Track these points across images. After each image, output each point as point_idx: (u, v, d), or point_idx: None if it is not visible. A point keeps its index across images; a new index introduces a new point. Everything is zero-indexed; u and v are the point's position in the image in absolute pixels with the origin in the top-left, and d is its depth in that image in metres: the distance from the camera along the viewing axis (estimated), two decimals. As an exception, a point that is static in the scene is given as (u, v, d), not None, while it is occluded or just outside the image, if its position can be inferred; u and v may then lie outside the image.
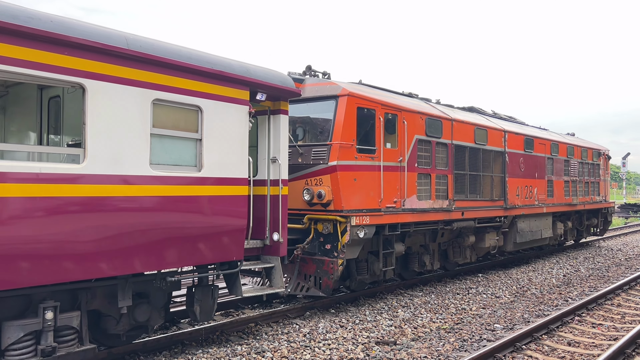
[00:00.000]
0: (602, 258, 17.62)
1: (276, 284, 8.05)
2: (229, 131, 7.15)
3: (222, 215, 7.02)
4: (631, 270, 15.02)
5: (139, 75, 6.14)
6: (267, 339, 7.84)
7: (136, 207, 6.06)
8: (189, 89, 6.66)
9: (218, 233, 6.97)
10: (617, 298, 11.29)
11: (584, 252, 19.23)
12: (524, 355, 7.46)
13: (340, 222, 9.15)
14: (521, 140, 15.08)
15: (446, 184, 11.69)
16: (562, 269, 15.12)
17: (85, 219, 5.61)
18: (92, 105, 5.69)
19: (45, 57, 5.34)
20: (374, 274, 10.28)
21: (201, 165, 6.81)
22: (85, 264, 5.63)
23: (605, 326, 9.12)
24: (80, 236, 5.56)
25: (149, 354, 7.06)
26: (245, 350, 7.25)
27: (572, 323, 9.20)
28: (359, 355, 7.34)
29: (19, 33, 5.12)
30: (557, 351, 7.72)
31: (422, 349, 7.64)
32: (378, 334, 8.38)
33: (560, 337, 8.39)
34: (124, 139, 5.97)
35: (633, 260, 17.12)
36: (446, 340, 8.10)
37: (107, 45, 5.80)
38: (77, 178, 5.57)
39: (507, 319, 9.42)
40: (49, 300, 5.60)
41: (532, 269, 14.83)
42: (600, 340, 8.27)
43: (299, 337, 7.97)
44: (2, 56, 5.02)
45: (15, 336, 5.36)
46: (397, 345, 7.80)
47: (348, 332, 8.41)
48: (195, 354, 7.06)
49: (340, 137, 9.22)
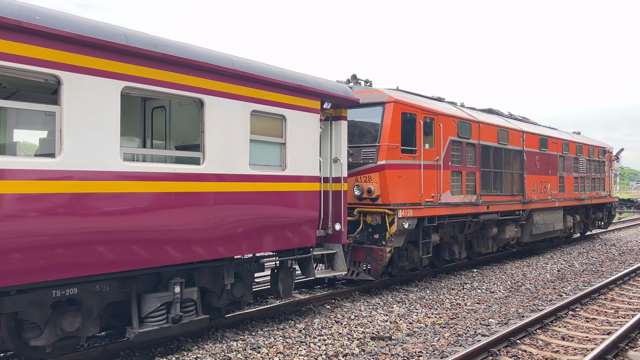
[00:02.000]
0: (596, 253, 17.80)
1: (338, 268, 9.27)
2: (305, 136, 8.36)
3: (300, 207, 8.24)
4: (624, 265, 15.17)
5: (242, 90, 7.35)
6: (263, 335, 7.82)
7: (240, 200, 7.28)
8: (277, 101, 7.87)
9: (298, 222, 8.20)
10: (610, 293, 11.34)
11: (581, 246, 19.67)
12: (519, 349, 7.46)
13: (388, 215, 10.38)
14: (537, 140, 16.34)
15: (474, 180, 12.94)
16: (557, 264, 15.24)
17: (204, 210, 6.83)
18: (208, 116, 6.90)
19: (177, 77, 6.55)
20: (413, 261, 11.53)
21: (285, 165, 8.03)
22: (203, 247, 6.84)
23: (599, 320, 9.17)
24: (200, 224, 6.77)
25: (144, 350, 7.03)
26: (240, 346, 7.24)
27: (566, 318, 9.26)
28: (355, 350, 7.36)
29: (169, 61, 6.34)
30: (551, 345, 7.72)
31: (417, 344, 7.65)
32: (373, 329, 8.39)
33: (555, 332, 8.40)
34: (232, 144, 7.19)
35: (626, 255, 17.34)
36: (441, 335, 8.14)
37: (219, 66, 7.00)
38: (199, 177, 6.78)
39: (502, 314, 9.49)
40: (177, 277, 6.82)
41: (526, 264, 14.98)
42: (594, 334, 8.30)
43: (295, 333, 7.95)
44: (153, 79, 6.22)
45: (154, 306, 6.58)
46: (392, 340, 7.86)
47: (343, 327, 8.40)
48: (191, 350, 7.04)
49: (388, 139, 10.44)
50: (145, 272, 6.49)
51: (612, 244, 20.18)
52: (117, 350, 6.89)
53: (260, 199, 7.56)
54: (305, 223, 8.34)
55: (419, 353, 7.24)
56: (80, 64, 5.63)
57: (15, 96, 6.93)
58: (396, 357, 7.09)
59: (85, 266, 5.68)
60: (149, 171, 6.27)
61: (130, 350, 6.97)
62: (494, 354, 7.11)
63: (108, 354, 6.79)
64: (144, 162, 7.57)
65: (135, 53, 6.09)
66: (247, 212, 7.37)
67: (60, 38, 5.46)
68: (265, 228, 7.67)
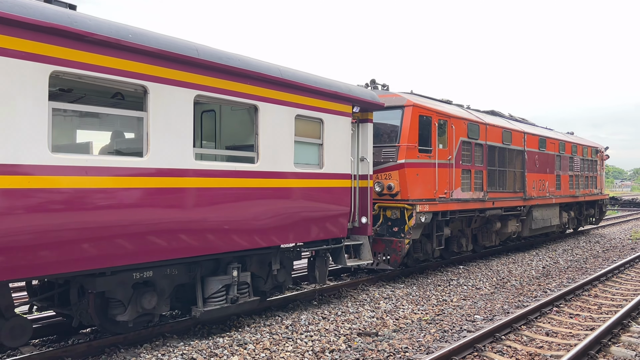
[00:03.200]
0: (581, 250, 18.01)
1: (364, 257, 10.18)
2: (339, 137, 9.26)
3: (335, 201, 9.14)
4: (608, 262, 15.44)
5: (288, 97, 8.23)
6: (250, 331, 7.82)
7: (287, 194, 8.17)
8: (316, 106, 8.75)
9: (334, 215, 9.10)
10: (594, 289, 11.48)
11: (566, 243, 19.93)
12: (503, 345, 7.54)
13: (407, 209, 11.31)
14: (536, 140, 17.37)
15: (482, 178, 13.92)
16: (542, 260, 15.39)
17: (258, 203, 7.70)
18: (261, 120, 7.77)
19: (238, 86, 7.41)
20: (426, 253, 12.48)
21: (322, 163, 8.92)
22: (257, 236, 7.72)
23: (582, 316, 9.28)
24: (255, 216, 7.65)
25: (130, 347, 6.98)
26: (227, 343, 7.23)
27: (550, 314, 9.34)
28: (341, 346, 7.41)
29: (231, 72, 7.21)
30: (536, 341, 7.82)
31: (403, 340, 7.70)
32: (360, 325, 8.44)
33: (539, 328, 8.50)
34: (280, 145, 8.07)
35: (610, 252, 17.63)
36: (427, 331, 8.21)
37: (270, 76, 7.87)
38: (254, 174, 7.66)
39: (487, 310, 9.56)
40: (234, 262, 7.69)
41: (512, 261, 15.10)
42: (577, 330, 8.38)
43: (281, 329, 7.97)
44: (218, 87, 7.09)
45: (215, 288, 7.45)
46: (378, 336, 7.90)
47: (330, 323, 8.44)
48: (177, 347, 7.02)
49: (407, 140, 11.37)
50: (208, 258, 7.36)
51: (596, 241, 20.57)
52: (102, 346, 6.81)
53: (302, 194, 8.45)
54: (339, 216, 9.24)
55: (405, 349, 7.28)
56: (162, 75, 6.48)
57: (84, 100, 7.72)
58: (382, 352, 7.12)
59: (160, 252, 6.51)
60: (215, 169, 7.14)
61: (115, 347, 6.89)
62: (479, 349, 7.16)
63: (93, 350, 6.70)
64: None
65: (204, 65, 6.94)
66: (292, 206, 8.26)
67: (147, 53, 6.30)
68: (306, 220, 8.56)
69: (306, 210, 8.55)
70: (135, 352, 6.80)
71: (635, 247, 18.90)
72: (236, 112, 8.78)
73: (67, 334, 7.62)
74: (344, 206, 9.34)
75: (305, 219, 8.54)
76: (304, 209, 8.48)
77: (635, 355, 7.13)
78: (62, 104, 5.75)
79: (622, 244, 19.87)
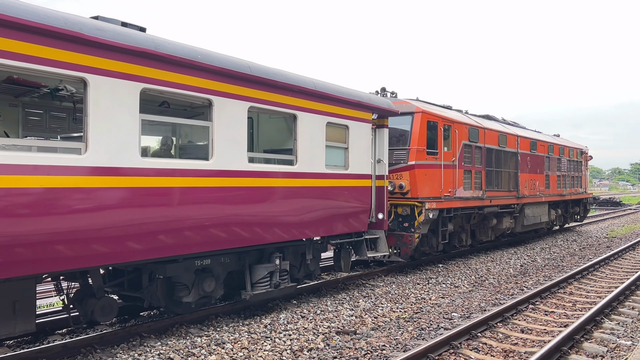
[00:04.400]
0: (558, 248, 18.19)
1: (381, 249, 11.29)
2: (361, 141, 10.36)
3: (358, 199, 10.24)
4: (584, 260, 15.68)
5: (321, 107, 9.30)
6: (228, 331, 7.83)
7: (320, 193, 9.25)
8: (343, 114, 9.84)
9: (357, 212, 10.20)
10: (569, 287, 11.64)
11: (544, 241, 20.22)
12: (479, 342, 7.61)
13: (417, 206, 12.46)
14: (528, 143, 18.68)
15: (480, 178, 15.14)
16: (520, 259, 15.56)
17: (297, 200, 8.77)
18: (299, 127, 8.84)
19: (281, 98, 8.47)
20: (432, 246, 13.64)
21: (347, 165, 10.01)
22: (296, 230, 8.79)
23: (557, 313, 9.39)
24: (294, 211, 8.71)
25: (106, 347, 6.96)
26: (205, 342, 7.25)
27: (526, 311, 9.45)
28: (320, 345, 7.41)
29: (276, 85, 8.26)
30: (511, 338, 7.91)
31: (381, 338, 7.74)
32: (339, 323, 8.47)
33: (515, 325, 8.60)
34: (314, 148, 9.14)
35: (586, 250, 17.90)
36: (405, 329, 8.26)
37: (307, 88, 8.93)
38: (294, 174, 8.72)
39: (465, 308, 9.63)
40: (276, 252, 8.75)
41: (490, 259, 15.19)
42: (552, 327, 8.51)
43: (260, 328, 7.99)
44: (266, 99, 8.14)
45: (262, 274, 8.50)
46: (357, 334, 7.96)
47: (309, 322, 8.45)
48: (154, 347, 7.00)
49: (417, 143, 12.52)
50: (255, 248, 8.42)
51: (573, 240, 20.86)
52: (78, 347, 6.77)
53: (331, 192, 9.54)
54: (361, 212, 10.35)
55: (382, 346, 7.33)
56: (223, 90, 7.52)
57: (165, 112, 8.62)
58: (360, 350, 7.17)
59: (218, 242, 7.53)
60: (264, 170, 8.20)
61: (91, 347, 6.84)
62: (455, 346, 7.26)
63: (68, 350, 6.67)
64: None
65: (256, 80, 7.99)
66: (323, 202, 9.34)
67: (212, 71, 7.34)
68: (334, 215, 9.65)
69: (334, 207, 9.63)
70: (112, 353, 6.77)
71: (611, 245, 19.35)
72: (273, 120, 9.82)
73: (45, 334, 7.63)
74: (365, 203, 10.44)
75: (334, 214, 9.62)
76: (332, 205, 9.57)
77: (607, 351, 7.31)
78: (148, 116, 6.74)
79: (598, 242, 20.26)
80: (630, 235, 22.58)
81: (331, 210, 9.56)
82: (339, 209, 9.76)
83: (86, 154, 5.95)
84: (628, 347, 7.48)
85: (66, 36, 5.72)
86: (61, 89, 7.02)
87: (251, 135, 10.11)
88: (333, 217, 9.61)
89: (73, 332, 7.75)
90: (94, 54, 5.99)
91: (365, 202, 10.45)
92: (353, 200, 10.12)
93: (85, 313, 6.94)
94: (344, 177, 9.89)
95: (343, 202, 9.85)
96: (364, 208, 10.42)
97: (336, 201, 9.67)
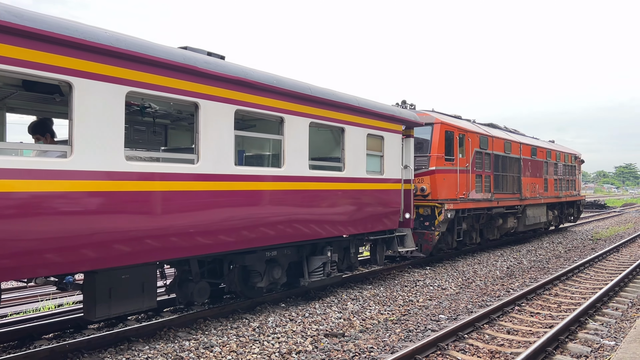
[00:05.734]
0: (544, 250, 18.49)
1: (408, 245, 12.75)
2: (393, 150, 11.84)
3: (391, 201, 11.72)
4: (569, 261, 15.91)
5: (363, 120, 10.78)
6: (216, 334, 7.83)
7: (362, 195, 10.71)
8: (379, 126, 11.32)
9: (390, 212, 11.68)
10: (554, 288, 11.77)
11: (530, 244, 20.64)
12: (466, 344, 7.68)
13: (437, 207, 13.97)
14: (529, 149, 20.31)
15: (489, 181, 16.70)
16: (506, 261, 15.78)
17: (344, 202, 10.22)
18: (347, 139, 10.30)
19: (334, 114, 9.93)
20: (447, 244, 15.16)
21: (382, 171, 11.49)
22: (341, 227, 10.23)
23: (542, 315, 9.49)
24: (342, 211, 10.16)
25: (94, 351, 6.92)
26: (193, 346, 7.23)
27: (512, 313, 9.56)
28: (308, 347, 7.44)
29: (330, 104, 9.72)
30: (497, 339, 7.99)
31: (369, 340, 7.78)
32: (327, 326, 8.52)
33: (501, 326, 8.68)
34: (358, 156, 10.61)
35: (571, 253, 18.19)
36: (392, 331, 8.32)
37: (353, 105, 10.40)
38: (342, 179, 10.18)
39: (452, 310, 9.74)
40: (327, 246, 10.20)
41: (477, 262, 15.42)
42: (537, 328, 8.61)
43: (248, 332, 8.00)
44: (322, 116, 9.60)
45: (317, 265, 9.94)
46: (345, 337, 8.03)
47: (297, 325, 8.48)
48: (142, 350, 6.97)
49: (436, 151, 14.04)
50: (310, 243, 9.86)
51: (559, 242, 21.13)
52: (65, 351, 6.73)
53: (370, 195, 11.02)
54: (393, 212, 11.83)
55: (370, 349, 7.39)
56: (291, 109, 8.96)
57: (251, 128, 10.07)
58: (348, 353, 7.22)
59: (284, 237, 8.93)
60: (320, 175, 9.65)
61: (78, 351, 6.81)
62: (443, 348, 7.34)
63: (55, 355, 6.64)
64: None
65: (315, 99, 9.43)
66: (364, 203, 10.81)
67: (284, 93, 8.76)
68: (373, 215, 11.13)
69: (372, 207, 11.11)
70: (99, 357, 6.76)
71: (596, 247, 19.72)
72: (321, 131, 11.28)
73: (31, 339, 7.53)
74: (396, 204, 11.93)
75: (372, 214, 11.09)
76: (371, 206, 11.04)
77: (591, 351, 7.42)
78: (239, 132, 8.16)
79: (583, 244, 20.60)
80: (614, 237, 23.18)
81: (370, 210, 11.03)
82: (376, 209, 11.23)
83: (198, 164, 7.37)
84: (611, 347, 7.60)
85: (183, 68, 7.13)
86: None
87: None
88: (371, 216, 11.08)
89: (60, 336, 7.75)
90: (203, 83, 7.41)
91: (396, 203, 11.94)
92: (387, 202, 11.60)
93: (184, 295, 8.35)
94: (380, 181, 11.37)
95: (379, 203, 11.33)
96: (395, 208, 11.90)
97: (374, 202, 11.14)
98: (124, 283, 6.88)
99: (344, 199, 10.27)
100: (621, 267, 14.89)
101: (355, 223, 10.62)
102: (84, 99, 5.97)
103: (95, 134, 6.07)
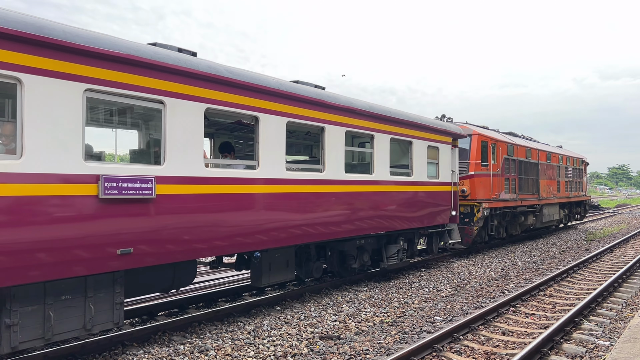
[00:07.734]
0: (538, 252, 18.71)
1: (454, 238, 15.19)
2: (445, 158, 14.31)
3: (444, 200, 14.18)
4: (564, 262, 16.09)
5: (425, 135, 13.24)
6: (211, 337, 7.80)
7: (425, 195, 13.16)
8: (436, 139, 13.79)
9: (443, 210, 14.14)
10: (549, 289, 11.82)
11: (524, 245, 21.49)
12: (461, 345, 7.66)
13: (475, 206, 16.45)
14: (545, 155, 22.87)
15: (515, 184, 19.22)
16: (501, 262, 15.97)
17: (413, 201, 12.66)
18: (414, 150, 12.75)
19: (403, 130, 12.38)
20: (482, 237, 17.64)
21: (438, 175, 13.96)
22: (407, 222, 12.66)
23: (537, 315, 9.50)
24: (410, 208, 12.61)
25: (88, 356, 6.86)
26: (188, 350, 7.19)
27: (507, 314, 9.53)
28: (303, 350, 7.39)
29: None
30: (492, 340, 7.97)
31: (364, 342, 7.76)
32: (322, 329, 8.48)
33: (496, 327, 8.67)
34: (421, 163, 13.06)
35: (566, 254, 18.33)
36: (388, 333, 8.30)
37: (417, 123, 12.85)
38: (411, 183, 12.63)
39: (447, 312, 9.71)
40: (400, 236, 12.65)
41: (472, 263, 15.67)
42: (532, 329, 8.61)
43: (244, 335, 7.97)
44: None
45: (393, 251, 12.40)
46: (340, 339, 8.01)
47: (293, 328, 8.46)
48: (137, 355, 6.93)
49: (475, 158, 16.53)
50: (387, 234, 12.30)
51: (553, 243, 21.48)
52: (58, 357, 6.68)
53: (429, 195, 13.47)
54: (445, 210, 14.30)
55: (366, 351, 7.36)
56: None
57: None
58: (344, 355, 7.21)
59: (369, 229, 11.30)
60: (397, 180, 12.10)
61: (72, 356, 6.78)
62: (438, 349, 7.31)
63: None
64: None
65: (394, 120, 11.88)
66: (426, 202, 13.27)
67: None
68: (431, 212, 13.58)
69: (430, 205, 13.56)
70: None
71: (590, 248, 19.91)
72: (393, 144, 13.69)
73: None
74: (448, 203, 14.40)
75: (430, 211, 13.55)
76: (429, 204, 13.49)
77: (586, 351, 7.41)
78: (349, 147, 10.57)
79: (577, 245, 20.86)
80: (608, 238, 23.54)
81: (429, 208, 13.48)
82: (433, 207, 13.69)
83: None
84: (606, 348, 7.61)
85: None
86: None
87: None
88: (430, 213, 13.54)
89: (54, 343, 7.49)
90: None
91: (447, 202, 14.40)
92: (441, 201, 14.07)
93: (306, 272, 10.72)
94: (436, 184, 13.83)
95: (436, 202, 13.79)
96: (447, 207, 14.37)
97: (432, 201, 13.60)
98: (277, 260, 9.32)
99: (413, 198, 12.71)
100: (615, 267, 15.06)
101: (420, 218, 13.07)
102: (265, 127, 8.39)
103: (269, 152, 8.48)
